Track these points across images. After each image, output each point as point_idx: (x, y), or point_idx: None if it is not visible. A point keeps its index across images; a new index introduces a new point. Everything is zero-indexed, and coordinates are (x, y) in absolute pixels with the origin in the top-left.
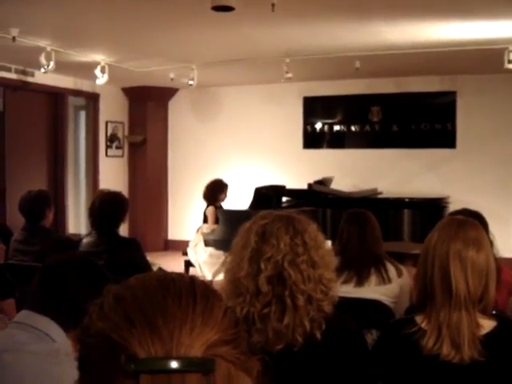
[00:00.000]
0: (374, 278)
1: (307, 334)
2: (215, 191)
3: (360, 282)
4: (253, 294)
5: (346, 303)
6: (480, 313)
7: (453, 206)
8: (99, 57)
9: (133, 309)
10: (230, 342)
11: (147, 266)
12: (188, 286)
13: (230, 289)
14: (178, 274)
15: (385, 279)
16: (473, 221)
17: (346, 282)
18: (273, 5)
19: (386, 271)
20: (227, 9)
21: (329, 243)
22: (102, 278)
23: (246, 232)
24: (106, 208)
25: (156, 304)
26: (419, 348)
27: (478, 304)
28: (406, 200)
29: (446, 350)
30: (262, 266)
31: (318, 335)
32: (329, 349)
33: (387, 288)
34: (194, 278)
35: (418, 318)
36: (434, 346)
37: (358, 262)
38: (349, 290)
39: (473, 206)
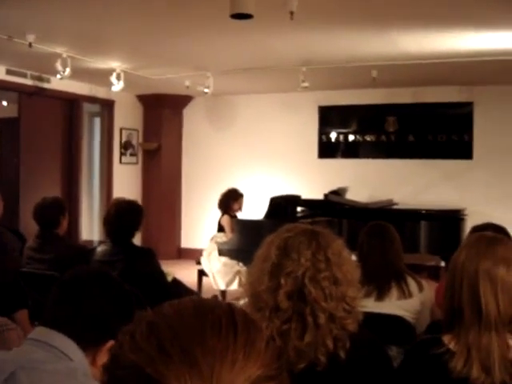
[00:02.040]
0: (394, 293)
1: (330, 353)
2: (229, 200)
3: (381, 297)
4: (272, 310)
5: (366, 318)
6: (511, 334)
7: (470, 218)
8: (115, 64)
9: (168, 339)
10: (274, 377)
11: (162, 277)
12: (227, 314)
13: (250, 303)
14: (216, 301)
15: (406, 293)
16: (502, 238)
17: (366, 296)
18: (291, 13)
19: (407, 285)
20: (246, 16)
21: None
22: (122, 293)
23: (268, 245)
24: (121, 217)
25: (194, 335)
26: (448, 370)
27: (508, 325)
28: (423, 211)
29: (476, 373)
30: (282, 280)
31: (343, 355)
32: (354, 369)
33: (408, 303)
34: (232, 306)
35: (446, 338)
36: (463, 368)
37: (379, 275)
38: (369, 305)
39: (490, 218)
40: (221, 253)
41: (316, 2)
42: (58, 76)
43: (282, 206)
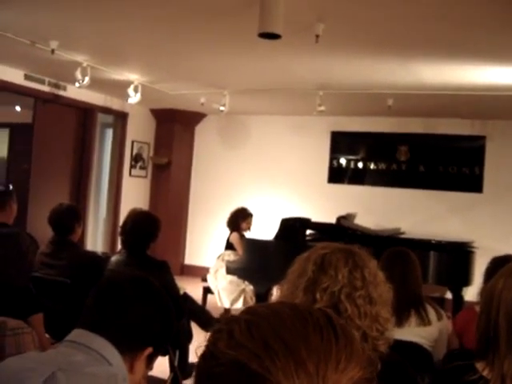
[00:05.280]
0: (413, 319)
1: None
2: (238, 219)
3: (400, 323)
4: None
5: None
6: None
7: (478, 252)
8: (133, 76)
9: (272, 337)
10: (371, 380)
11: (175, 291)
12: (324, 317)
13: None
14: (307, 305)
15: (425, 321)
16: None
17: None
18: (317, 36)
19: (427, 313)
20: (274, 36)
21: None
22: (163, 301)
23: (304, 261)
24: (138, 228)
25: (297, 334)
26: None
27: None
28: (433, 242)
29: None
30: (318, 296)
31: None
32: None
33: (426, 330)
34: (326, 310)
35: (479, 366)
36: None
37: (399, 301)
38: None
39: (496, 253)
40: (228, 271)
41: (341, 28)
42: (77, 84)
43: (295, 228)
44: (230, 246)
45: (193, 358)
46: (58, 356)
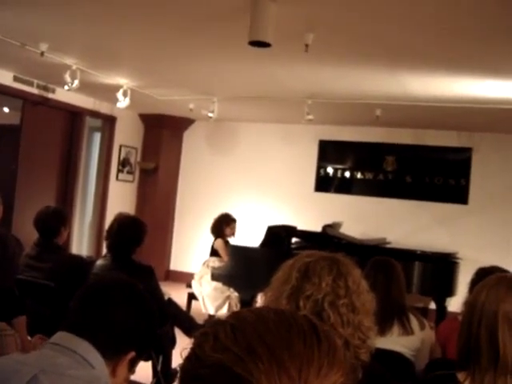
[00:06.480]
0: (396, 329)
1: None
2: (221, 225)
3: (382, 332)
4: None
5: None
6: None
7: (463, 263)
8: (123, 80)
9: (256, 341)
10: None
11: (160, 296)
12: (308, 323)
13: None
14: (292, 311)
15: (407, 330)
16: None
17: None
18: (306, 45)
19: (409, 322)
20: (264, 45)
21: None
22: (147, 306)
23: (289, 268)
24: (124, 232)
25: (280, 339)
26: None
27: None
28: (418, 252)
29: None
30: (301, 303)
31: None
32: None
33: (409, 340)
34: (309, 316)
35: (460, 376)
36: None
37: (382, 311)
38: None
39: (481, 264)
40: (213, 277)
41: (330, 38)
42: (66, 87)
43: (281, 236)
44: (214, 252)
45: (176, 363)
46: (41, 358)
